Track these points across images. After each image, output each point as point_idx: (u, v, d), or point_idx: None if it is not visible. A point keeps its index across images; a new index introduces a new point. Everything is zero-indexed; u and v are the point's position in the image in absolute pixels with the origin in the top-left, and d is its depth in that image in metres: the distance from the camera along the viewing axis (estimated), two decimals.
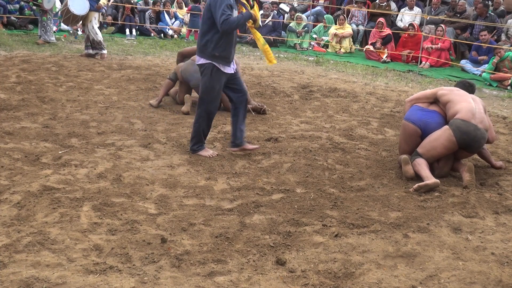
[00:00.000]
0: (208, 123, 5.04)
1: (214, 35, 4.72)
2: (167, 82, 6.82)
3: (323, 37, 12.81)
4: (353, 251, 3.39)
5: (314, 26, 13.02)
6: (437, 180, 4.43)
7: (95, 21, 9.42)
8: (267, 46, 5.08)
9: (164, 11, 13.67)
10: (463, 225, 3.83)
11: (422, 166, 4.60)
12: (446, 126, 4.68)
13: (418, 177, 4.58)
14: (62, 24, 12.53)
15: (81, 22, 9.59)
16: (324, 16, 13.42)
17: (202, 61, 4.83)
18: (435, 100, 4.98)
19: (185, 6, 14.63)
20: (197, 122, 4.99)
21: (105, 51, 9.58)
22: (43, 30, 10.77)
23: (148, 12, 13.51)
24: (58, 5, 11.27)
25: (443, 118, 4.84)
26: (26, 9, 12.22)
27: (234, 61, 4.98)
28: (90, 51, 9.54)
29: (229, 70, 4.88)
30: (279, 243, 3.46)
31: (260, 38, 5.02)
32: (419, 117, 4.85)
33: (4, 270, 2.98)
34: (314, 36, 12.89)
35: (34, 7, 10.82)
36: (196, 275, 3.05)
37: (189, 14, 13.61)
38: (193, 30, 13.27)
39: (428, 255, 3.37)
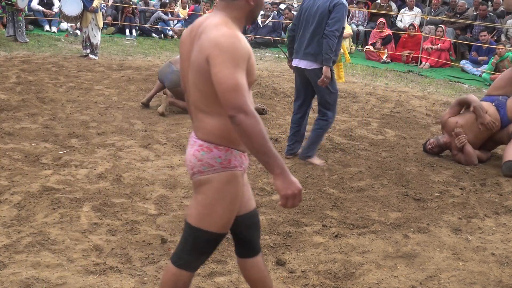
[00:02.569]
0: None
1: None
2: (158, 83, 6.69)
3: None
4: (353, 251, 3.39)
5: None
6: None
7: (94, 23, 9.38)
8: (341, 64, 5.29)
9: (168, 12, 13.66)
10: (463, 225, 3.83)
11: None
12: None
13: None
14: (61, 23, 12.54)
15: (79, 23, 9.53)
16: None
17: (316, 66, 4.68)
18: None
19: (183, 7, 14.63)
20: (324, 128, 4.93)
21: (94, 57, 9.46)
22: (19, 31, 10.73)
23: (157, 12, 13.50)
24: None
25: None
26: None
27: None
28: (88, 51, 9.47)
29: None
30: (279, 243, 3.46)
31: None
32: None
33: (4, 270, 2.98)
34: None
35: (7, 6, 10.59)
36: (196, 276, 3.05)
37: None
38: None
39: (428, 256, 3.37)
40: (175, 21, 13.87)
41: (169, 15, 13.68)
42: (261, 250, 2.39)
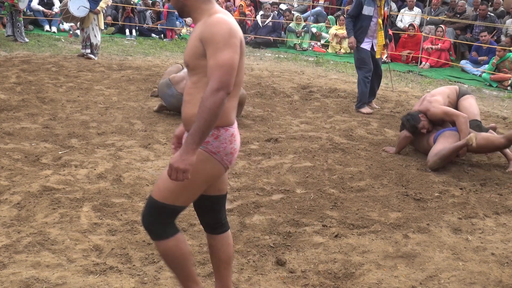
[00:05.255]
0: (367, 86, 6.99)
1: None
2: None
3: (323, 33, 12.82)
4: (353, 251, 3.39)
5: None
6: None
7: (95, 23, 9.39)
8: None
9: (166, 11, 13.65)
10: (463, 225, 3.83)
11: None
12: None
13: None
14: (63, 23, 12.53)
15: (79, 23, 9.55)
16: (328, 17, 13.43)
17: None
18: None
19: None
20: (359, 85, 7.04)
21: (94, 57, 9.48)
22: (18, 31, 10.74)
23: (149, 12, 13.51)
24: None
25: None
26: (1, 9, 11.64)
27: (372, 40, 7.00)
28: (88, 51, 9.47)
29: (365, 46, 6.97)
30: (279, 243, 3.46)
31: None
32: None
33: (4, 270, 2.98)
34: (314, 30, 12.84)
35: (9, 6, 10.56)
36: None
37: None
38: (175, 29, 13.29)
39: (428, 256, 3.37)
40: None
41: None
42: None
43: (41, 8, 12.65)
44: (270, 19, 12.94)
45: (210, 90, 2.14)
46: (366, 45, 6.98)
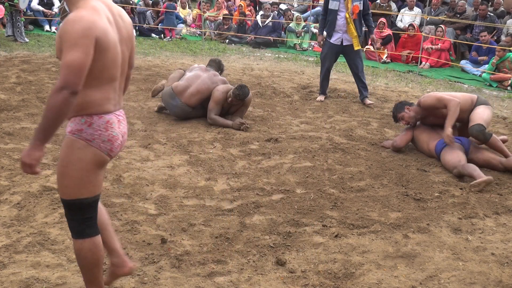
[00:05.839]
0: (324, 77, 7.60)
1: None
2: None
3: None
4: (353, 251, 3.39)
5: (315, 28, 13.03)
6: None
7: None
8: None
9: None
10: (463, 225, 3.83)
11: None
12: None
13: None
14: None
15: None
16: None
17: None
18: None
19: (183, 7, 14.63)
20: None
21: None
22: (18, 31, 10.77)
23: (149, 12, 13.50)
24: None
25: None
26: None
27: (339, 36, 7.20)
28: None
29: (334, 40, 7.22)
30: (279, 243, 3.46)
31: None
32: None
33: (4, 270, 2.98)
34: (314, 30, 12.83)
35: (9, 7, 10.58)
36: (196, 276, 3.05)
37: (190, 15, 13.54)
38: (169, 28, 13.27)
39: (428, 256, 3.37)
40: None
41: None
42: None
43: (41, 8, 12.65)
44: (270, 19, 12.93)
45: (55, 88, 2.17)
46: (335, 40, 7.24)
